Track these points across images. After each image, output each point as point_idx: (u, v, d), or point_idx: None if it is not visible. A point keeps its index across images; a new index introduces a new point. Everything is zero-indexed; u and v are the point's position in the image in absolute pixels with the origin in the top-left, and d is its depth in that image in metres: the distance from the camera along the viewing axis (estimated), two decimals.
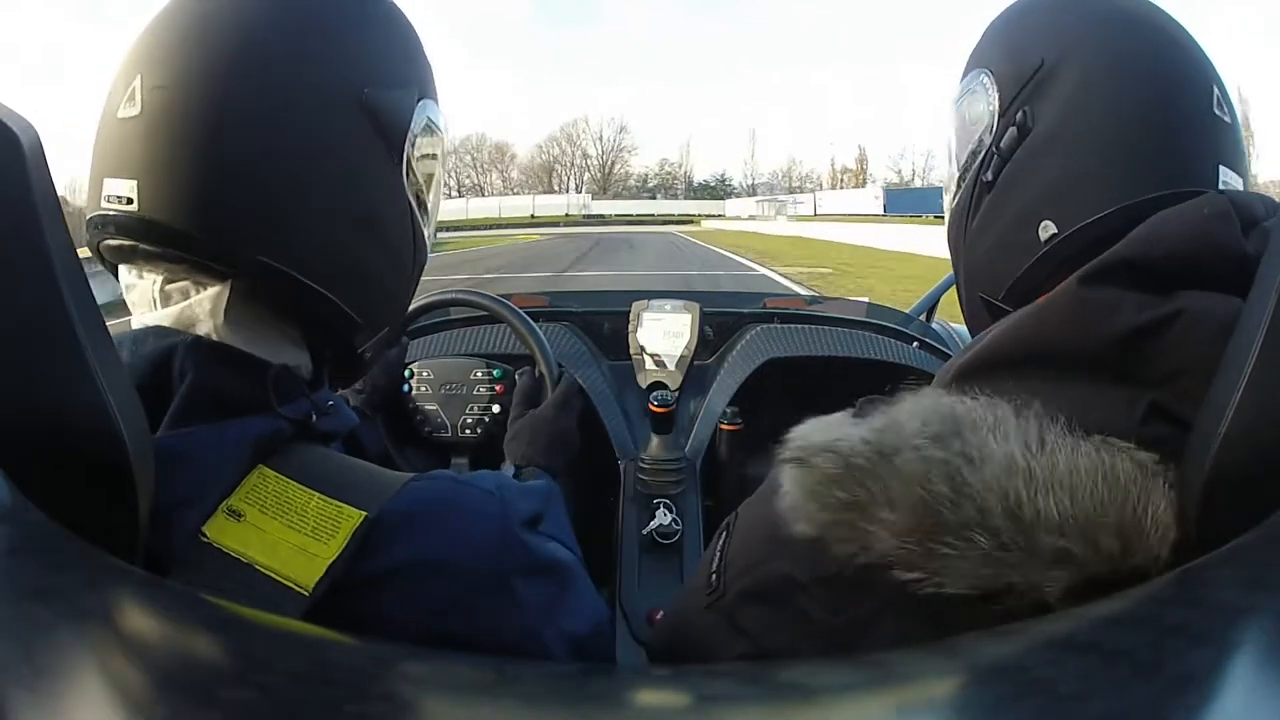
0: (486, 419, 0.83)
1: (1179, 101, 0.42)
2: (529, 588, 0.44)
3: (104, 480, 0.31)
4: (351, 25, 0.43)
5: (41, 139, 0.29)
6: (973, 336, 0.51)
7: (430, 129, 0.48)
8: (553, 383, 0.80)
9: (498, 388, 0.84)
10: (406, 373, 0.84)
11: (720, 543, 0.44)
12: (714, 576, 0.42)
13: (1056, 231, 0.42)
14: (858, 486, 0.32)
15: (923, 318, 1.32)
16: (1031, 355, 0.36)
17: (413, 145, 0.46)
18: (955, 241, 0.51)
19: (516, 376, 0.83)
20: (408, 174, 0.46)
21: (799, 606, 0.36)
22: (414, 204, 0.47)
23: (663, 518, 0.87)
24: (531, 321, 0.84)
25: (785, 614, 0.37)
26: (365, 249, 0.44)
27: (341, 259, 0.43)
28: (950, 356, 1.11)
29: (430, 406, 0.83)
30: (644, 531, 0.86)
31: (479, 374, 0.84)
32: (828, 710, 0.19)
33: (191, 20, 0.41)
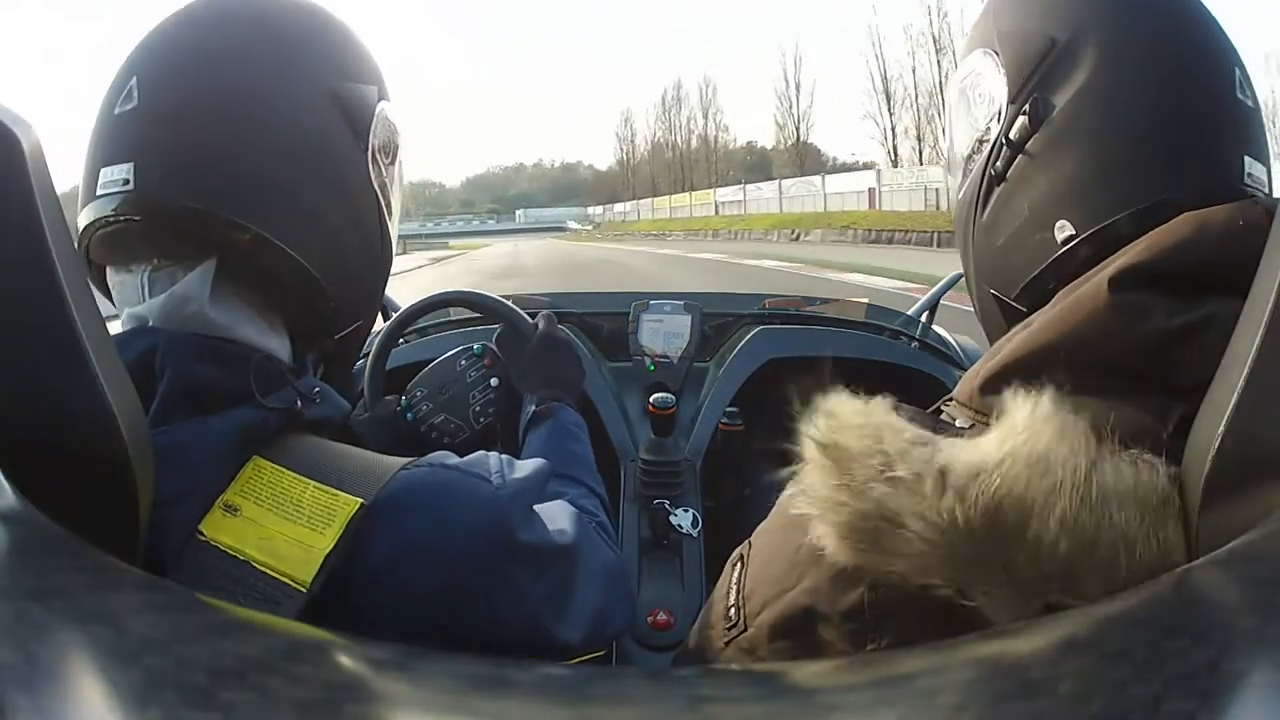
0: (492, 395, 0.82)
1: (1203, 88, 0.39)
2: (527, 576, 0.44)
3: (104, 480, 0.31)
4: (317, 31, 0.49)
5: (41, 139, 0.29)
6: (984, 328, 0.50)
7: (389, 125, 0.53)
8: (530, 332, 0.82)
9: (486, 362, 0.83)
10: (404, 401, 0.83)
11: (736, 575, 0.43)
12: (732, 610, 0.41)
13: (1074, 233, 0.40)
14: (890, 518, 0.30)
15: (923, 319, 1.32)
16: (1061, 362, 0.34)
17: (375, 135, 0.50)
18: (963, 233, 0.49)
19: (494, 339, 0.83)
20: (373, 162, 0.51)
21: (822, 639, 0.35)
22: (380, 196, 0.52)
23: (683, 517, 0.87)
24: (491, 294, 0.86)
25: (807, 648, 0.36)
26: (340, 225, 0.48)
27: (320, 233, 0.47)
28: (951, 359, 1.12)
29: (439, 419, 0.82)
30: (678, 531, 0.87)
31: (464, 362, 0.84)
32: (827, 709, 0.19)
33: (183, 26, 0.45)
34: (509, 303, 0.84)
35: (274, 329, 0.47)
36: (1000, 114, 0.43)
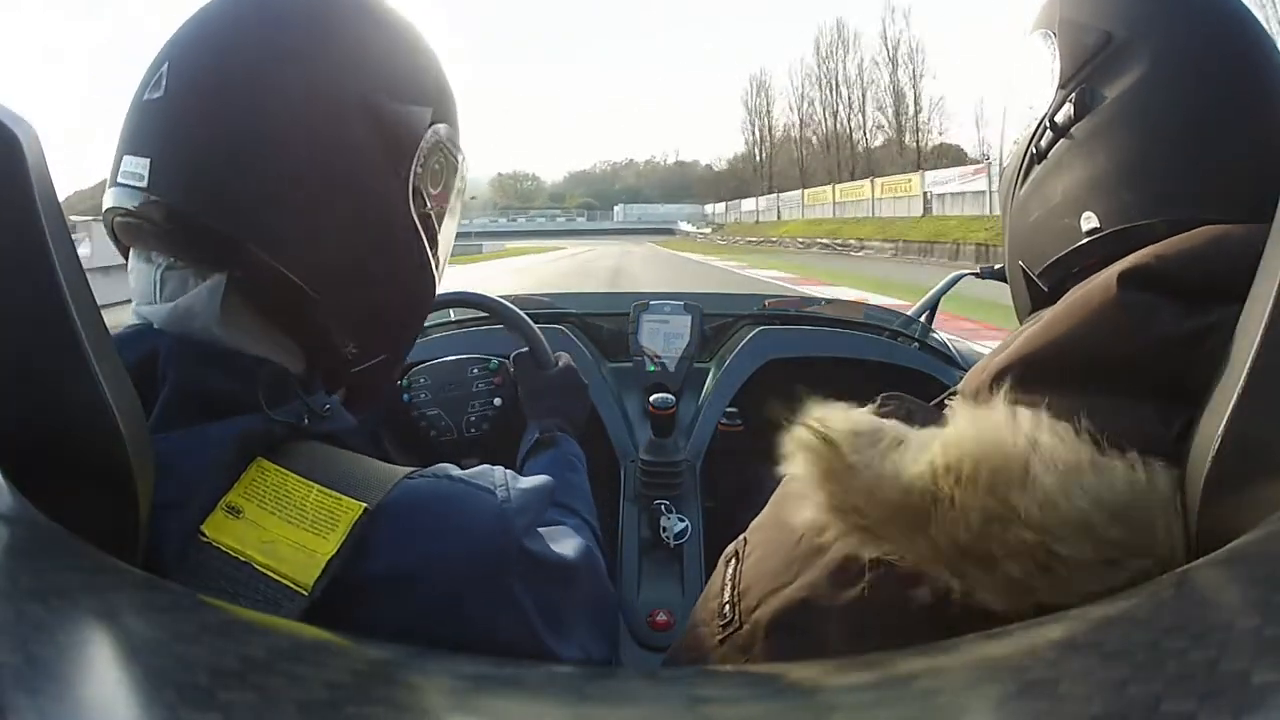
0: (490, 413, 0.82)
1: (1253, 113, 0.39)
2: (528, 589, 0.43)
3: (104, 481, 0.31)
4: (368, 38, 0.45)
5: (41, 139, 0.29)
6: (1013, 300, 0.51)
7: (443, 153, 0.48)
8: (546, 359, 0.81)
9: (496, 379, 0.83)
10: (404, 381, 0.83)
11: (731, 571, 0.43)
12: (727, 607, 0.41)
13: (1098, 226, 0.41)
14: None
15: (923, 319, 1.32)
16: (1066, 360, 0.35)
17: (420, 162, 0.46)
18: (1004, 203, 0.50)
19: (511, 358, 0.82)
20: (414, 193, 0.46)
21: (819, 635, 0.35)
22: (420, 226, 0.47)
23: (675, 523, 0.86)
24: (525, 315, 0.84)
25: (805, 645, 0.36)
26: (366, 258, 0.45)
27: (338, 266, 0.44)
28: (951, 359, 1.12)
29: (432, 411, 0.82)
30: (663, 536, 0.86)
31: (475, 370, 0.84)
32: (827, 709, 0.20)
33: (220, 19, 0.43)
34: (541, 335, 0.83)
35: (286, 350, 0.45)
36: (1049, 96, 0.44)
